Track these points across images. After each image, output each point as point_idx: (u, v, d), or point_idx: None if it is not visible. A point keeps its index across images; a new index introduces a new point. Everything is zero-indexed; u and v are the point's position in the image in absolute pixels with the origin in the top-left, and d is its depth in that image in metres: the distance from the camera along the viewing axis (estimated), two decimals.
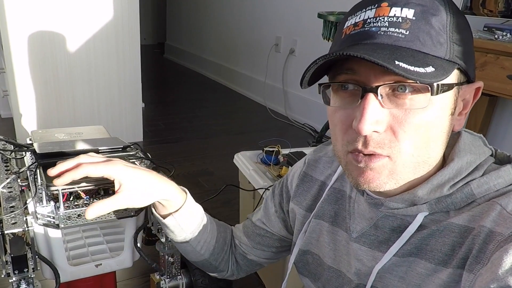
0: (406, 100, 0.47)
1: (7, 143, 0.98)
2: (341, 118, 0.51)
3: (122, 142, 0.99)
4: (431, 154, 0.50)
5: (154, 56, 5.76)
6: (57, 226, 0.78)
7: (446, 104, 0.49)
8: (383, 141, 0.48)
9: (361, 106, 0.47)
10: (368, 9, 0.49)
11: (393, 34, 0.46)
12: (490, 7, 1.68)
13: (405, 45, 0.46)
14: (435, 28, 0.47)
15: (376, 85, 0.47)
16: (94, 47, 2.34)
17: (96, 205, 0.62)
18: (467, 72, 0.50)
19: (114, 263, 0.92)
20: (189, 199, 0.72)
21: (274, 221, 0.77)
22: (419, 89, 0.46)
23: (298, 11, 3.17)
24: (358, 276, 0.59)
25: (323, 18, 2.11)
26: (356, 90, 0.49)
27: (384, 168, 0.49)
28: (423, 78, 0.43)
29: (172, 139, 2.80)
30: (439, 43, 0.47)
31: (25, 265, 0.72)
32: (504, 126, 1.91)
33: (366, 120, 0.46)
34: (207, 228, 0.75)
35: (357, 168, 0.51)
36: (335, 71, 0.51)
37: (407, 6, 0.47)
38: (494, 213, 0.47)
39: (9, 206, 0.76)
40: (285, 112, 3.37)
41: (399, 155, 0.48)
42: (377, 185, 0.50)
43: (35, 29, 2.15)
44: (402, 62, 0.43)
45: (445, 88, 0.47)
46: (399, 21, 0.47)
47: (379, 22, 0.47)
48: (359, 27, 0.49)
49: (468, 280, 0.46)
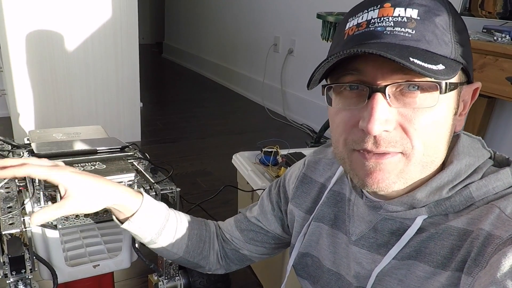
0: (415, 99, 0.47)
1: (4, 143, 0.98)
2: (344, 118, 0.50)
3: (120, 142, 0.98)
4: (438, 154, 0.50)
5: (152, 56, 5.75)
6: (55, 227, 0.78)
7: (451, 103, 0.49)
8: (394, 138, 0.48)
9: (369, 106, 0.47)
10: (370, 10, 0.49)
11: (399, 34, 0.46)
12: (489, 9, 1.69)
13: (412, 44, 0.46)
14: (439, 27, 0.47)
15: (384, 85, 0.46)
16: (92, 46, 2.34)
17: (41, 212, 0.62)
18: (468, 72, 0.50)
19: (112, 263, 0.91)
20: (146, 202, 0.70)
21: (270, 220, 0.77)
22: (427, 88, 0.46)
23: (297, 12, 3.17)
24: (357, 279, 0.58)
25: (322, 18, 2.11)
26: (362, 90, 0.48)
27: (396, 167, 0.49)
28: (436, 75, 0.43)
29: (170, 139, 2.80)
30: (444, 43, 0.47)
31: (22, 266, 0.71)
32: (502, 128, 1.92)
33: (376, 120, 0.46)
34: (174, 227, 0.74)
35: (364, 168, 0.50)
36: (339, 73, 0.50)
37: (410, 6, 0.47)
38: (493, 216, 0.47)
39: (7, 207, 0.76)
40: (284, 112, 3.37)
41: (412, 151, 0.48)
42: (386, 186, 0.50)
43: (33, 28, 2.15)
44: (416, 59, 0.43)
45: (452, 87, 0.47)
46: (404, 20, 0.46)
47: (384, 22, 0.47)
48: (363, 27, 0.48)
49: (466, 283, 0.46)
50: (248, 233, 0.78)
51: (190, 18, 4.95)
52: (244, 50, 3.95)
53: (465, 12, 1.74)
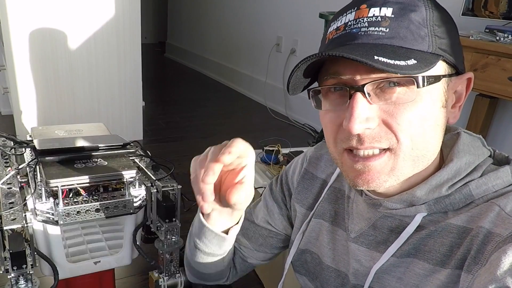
0: (394, 94, 0.47)
1: (7, 140, 0.98)
2: (331, 119, 0.52)
3: (122, 140, 0.98)
4: (429, 148, 0.50)
5: (154, 55, 5.76)
6: (56, 223, 0.78)
7: (436, 96, 0.49)
8: (379, 134, 0.48)
9: (349, 105, 0.48)
10: (348, 13, 0.50)
11: (373, 33, 0.47)
12: (491, 9, 1.68)
13: (386, 42, 0.47)
14: (414, 23, 0.47)
15: (362, 84, 0.47)
16: (95, 45, 2.35)
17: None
18: (454, 64, 0.50)
19: (113, 260, 0.92)
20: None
21: (278, 220, 0.75)
22: (404, 83, 0.47)
23: (299, 11, 3.17)
24: (355, 276, 0.58)
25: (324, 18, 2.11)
26: (344, 91, 0.49)
27: (386, 166, 0.49)
28: (403, 71, 0.44)
29: (172, 138, 2.80)
30: (420, 37, 0.47)
31: (23, 261, 0.71)
32: (504, 128, 1.91)
33: (356, 119, 0.47)
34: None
35: (353, 170, 0.51)
36: (322, 76, 0.52)
37: (385, 5, 0.48)
38: (493, 214, 0.47)
39: (8, 202, 0.76)
40: (286, 112, 3.37)
41: (398, 146, 0.48)
42: (377, 185, 0.50)
43: (36, 27, 2.16)
44: (381, 57, 0.44)
45: (431, 80, 0.48)
46: (378, 20, 0.47)
47: (359, 24, 0.48)
48: (341, 31, 0.50)
49: (466, 281, 0.46)
50: (257, 239, 0.76)
51: (193, 17, 4.95)
52: (246, 49, 3.95)
53: (468, 12, 1.74)
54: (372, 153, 0.49)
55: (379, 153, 0.49)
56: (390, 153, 0.49)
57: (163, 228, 0.86)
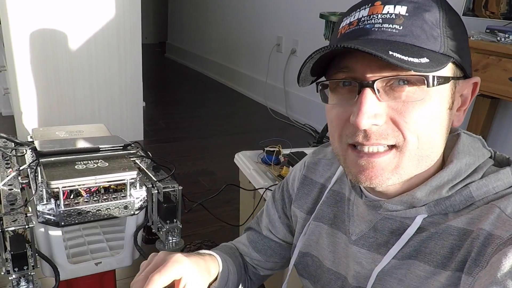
0: (403, 93, 0.48)
1: (8, 141, 0.98)
2: (338, 113, 0.51)
3: (123, 141, 0.99)
4: (434, 148, 0.50)
5: (155, 56, 5.76)
6: (57, 224, 0.78)
7: (444, 97, 0.49)
8: (386, 131, 0.48)
9: (358, 101, 0.48)
10: (362, 9, 0.50)
11: (387, 30, 0.47)
12: (492, 9, 1.68)
13: (399, 40, 0.47)
14: (428, 23, 0.47)
15: (372, 80, 0.47)
16: (96, 45, 2.35)
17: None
18: (463, 67, 0.51)
19: (114, 261, 0.92)
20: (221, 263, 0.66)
21: (278, 228, 0.76)
22: (415, 82, 0.47)
23: (300, 12, 3.17)
24: (357, 279, 0.58)
25: (325, 18, 2.11)
26: (353, 86, 0.49)
27: (390, 164, 0.49)
28: (417, 68, 0.44)
29: (173, 139, 2.81)
30: (432, 37, 0.47)
31: (25, 262, 0.72)
32: (505, 128, 1.91)
33: (364, 114, 0.47)
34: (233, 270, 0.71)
35: (357, 165, 0.51)
36: (332, 70, 0.51)
37: (400, 3, 0.48)
38: (493, 216, 0.47)
39: (10, 204, 0.76)
40: (286, 112, 3.37)
41: (404, 144, 0.48)
42: (379, 182, 0.50)
43: (36, 27, 2.16)
44: (396, 53, 0.44)
45: (441, 80, 0.48)
46: (393, 17, 0.48)
47: (373, 20, 0.48)
48: (354, 26, 0.50)
49: (467, 283, 0.46)
50: (266, 251, 0.77)
51: (193, 18, 4.96)
52: (247, 50, 3.96)
53: (469, 13, 1.74)
54: (377, 150, 0.49)
55: (383, 151, 0.49)
56: (396, 151, 0.49)
57: (164, 229, 0.86)
